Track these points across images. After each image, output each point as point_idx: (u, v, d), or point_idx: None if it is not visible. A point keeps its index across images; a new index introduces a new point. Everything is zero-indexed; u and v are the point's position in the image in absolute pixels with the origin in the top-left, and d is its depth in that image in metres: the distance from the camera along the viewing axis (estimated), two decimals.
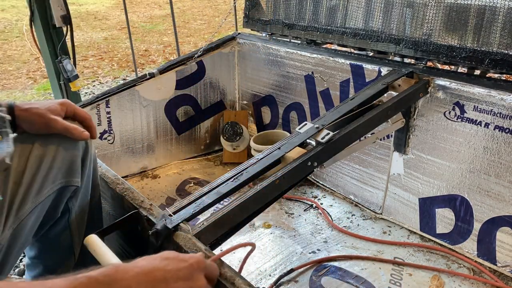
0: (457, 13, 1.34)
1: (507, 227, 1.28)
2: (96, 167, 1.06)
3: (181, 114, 2.02)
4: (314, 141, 1.13)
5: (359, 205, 1.69)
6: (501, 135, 1.23)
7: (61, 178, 0.93)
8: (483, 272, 1.33)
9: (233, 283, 0.71)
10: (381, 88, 1.33)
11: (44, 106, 0.91)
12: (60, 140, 0.93)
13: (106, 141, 1.81)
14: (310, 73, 1.73)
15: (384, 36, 1.53)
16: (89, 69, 4.53)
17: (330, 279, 1.33)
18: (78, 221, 1.02)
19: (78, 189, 0.98)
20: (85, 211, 1.04)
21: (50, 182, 0.92)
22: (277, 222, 1.62)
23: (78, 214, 1.02)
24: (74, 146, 0.95)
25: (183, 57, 1.96)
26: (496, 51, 1.26)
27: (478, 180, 1.31)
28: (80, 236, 1.04)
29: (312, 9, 1.79)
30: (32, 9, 2.15)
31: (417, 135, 1.43)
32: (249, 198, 0.94)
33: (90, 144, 1.00)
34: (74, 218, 1.01)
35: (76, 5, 8.13)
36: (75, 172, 0.95)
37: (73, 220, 1.01)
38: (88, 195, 1.03)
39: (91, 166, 1.01)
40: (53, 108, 0.91)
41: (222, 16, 7.02)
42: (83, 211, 1.03)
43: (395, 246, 1.47)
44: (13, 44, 5.60)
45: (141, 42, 5.61)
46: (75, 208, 1.00)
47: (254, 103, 2.07)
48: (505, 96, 1.20)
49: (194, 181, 1.92)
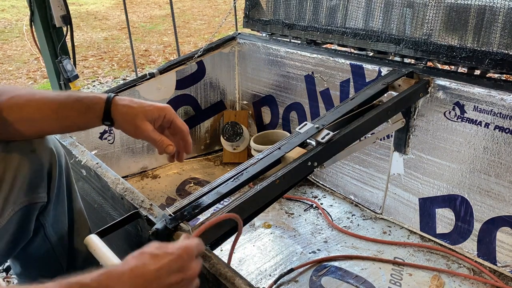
0: (457, 13, 1.34)
1: (507, 227, 1.28)
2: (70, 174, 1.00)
3: (181, 114, 2.02)
4: (314, 141, 1.13)
5: (359, 205, 1.69)
6: (501, 135, 1.23)
7: (23, 197, 0.87)
8: (483, 272, 1.33)
9: (233, 283, 0.71)
10: (381, 88, 1.33)
11: (142, 107, 0.84)
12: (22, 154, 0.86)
13: (106, 141, 1.81)
14: (310, 73, 1.73)
15: (384, 36, 1.53)
16: (89, 69, 4.53)
17: (330, 279, 1.33)
18: (58, 234, 0.98)
19: (48, 204, 0.93)
20: (64, 222, 0.99)
21: (11, 203, 0.86)
22: (277, 222, 1.62)
23: (56, 227, 0.97)
24: (38, 160, 0.88)
25: (183, 57, 1.96)
26: (496, 51, 1.26)
27: (478, 180, 1.31)
28: (64, 248, 1.00)
29: (312, 9, 1.79)
30: (32, 9, 2.15)
31: (417, 135, 1.43)
32: (249, 198, 0.94)
33: (59, 153, 0.94)
34: (52, 232, 0.97)
35: (76, 5, 8.14)
36: (39, 188, 0.90)
37: (51, 234, 0.97)
38: (64, 206, 0.98)
39: (63, 176, 0.96)
40: (149, 113, 0.84)
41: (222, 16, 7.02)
42: (61, 223, 0.99)
43: (395, 246, 1.47)
44: (13, 44, 5.60)
45: (141, 42, 5.61)
46: (49, 222, 0.96)
47: (254, 103, 2.07)
48: (505, 96, 1.20)
49: (194, 181, 1.92)
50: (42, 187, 0.90)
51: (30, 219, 0.91)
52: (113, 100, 0.84)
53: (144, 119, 0.84)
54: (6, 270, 1.63)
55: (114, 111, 0.84)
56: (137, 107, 0.84)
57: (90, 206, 1.18)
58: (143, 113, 0.83)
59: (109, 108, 0.84)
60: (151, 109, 0.85)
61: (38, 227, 0.95)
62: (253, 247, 1.49)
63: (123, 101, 0.85)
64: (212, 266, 0.75)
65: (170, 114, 0.87)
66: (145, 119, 0.84)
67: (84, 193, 1.21)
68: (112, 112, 0.84)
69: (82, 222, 1.06)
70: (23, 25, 6.08)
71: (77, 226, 1.04)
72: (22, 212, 0.88)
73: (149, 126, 0.84)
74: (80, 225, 1.05)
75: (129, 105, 0.84)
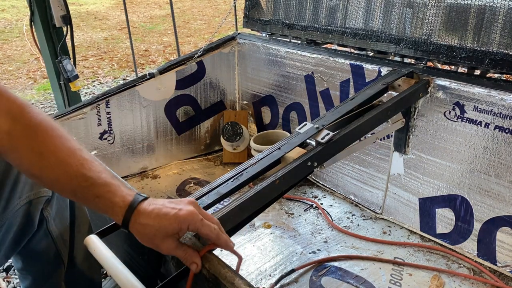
0: (457, 13, 1.34)
1: (507, 227, 1.28)
2: None
3: (181, 114, 2.02)
4: (314, 141, 1.13)
5: (359, 205, 1.69)
6: (501, 135, 1.23)
7: (28, 191, 0.88)
8: (483, 272, 1.33)
9: (233, 283, 0.71)
10: (381, 88, 1.33)
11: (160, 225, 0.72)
12: None
13: (106, 141, 1.81)
14: (310, 73, 1.73)
15: (384, 36, 1.53)
16: (89, 69, 4.53)
17: (330, 279, 1.33)
18: (60, 229, 0.99)
19: (52, 197, 0.94)
20: (66, 217, 1.00)
21: (17, 197, 0.87)
22: (277, 222, 1.62)
23: (57, 222, 0.98)
24: None
25: (183, 57, 1.96)
26: (496, 51, 1.26)
27: (478, 180, 1.31)
28: (65, 243, 1.01)
29: (312, 9, 1.78)
30: (32, 9, 2.15)
31: (417, 135, 1.43)
32: (249, 198, 0.94)
33: None
34: (54, 227, 0.97)
35: (76, 5, 8.14)
36: None
37: (54, 229, 0.97)
38: (66, 201, 0.99)
39: None
40: (170, 228, 0.72)
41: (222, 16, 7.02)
42: (63, 218, 0.99)
43: (395, 246, 1.47)
44: (13, 44, 5.60)
45: (141, 42, 5.61)
46: (52, 216, 0.96)
47: (254, 103, 2.07)
48: (505, 96, 1.20)
49: (194, 181, 1.92)
50: None
51: (35, 213, 0.92)
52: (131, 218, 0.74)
53: (164, 237, 0.73)
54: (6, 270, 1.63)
55: (131, 228, 0.75)
56: (155, 225, 0.72)
57: None
58: (163, 231, 0.73)
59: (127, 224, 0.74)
60: (172, 224, 0.73)
61: (41, 220, 0.96)
62: (253, 247, 1.49)
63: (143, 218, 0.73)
64: (212, 266, 0.75)
65: (194, 224, 0.74)
66: (166, 236, 0.73)
67: None
68: (130, 226, 0.74)
69: (83, 218, 1.06)
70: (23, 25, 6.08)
71: (78, 222, 1.05)
72: (27, 205, 0.89)
73: (170, 244, 0.74)
74: (81, 221, 1.06)
75: (148, 224, 0.73)
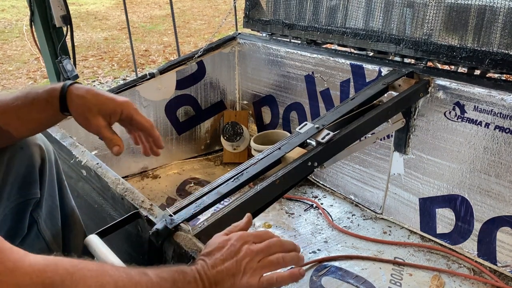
0: (457, 13, 1.34)
1: (507, 227, 1.28)
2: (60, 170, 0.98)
3: (181, 114, 2.02)
4: (314, 141, 1.13)
5: (359, 205, 1.69)
6: (502, 135, 1.23)
7: (16, 194, 0.86)
8: (484, 272, 1.33)
9: None
10: (381, 88, 1.33)
11: (97, 100, 0.76)
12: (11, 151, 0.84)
13: None
14: (311, 73, 1.73)
15: (384, 36, 1.53)
16: (89, 69, 4.53)
17: (330, 279, 1.33)
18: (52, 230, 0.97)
19: (41, 199, 0.92)
20: (57, 218, 0.99)
21: (5, 199, 0.85)
22: (277, 222, 1.62)
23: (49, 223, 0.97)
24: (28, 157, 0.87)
25: (183, 57, 1.95)
26: (496, 51, 1.26)
27: (479, 180, 1.31)
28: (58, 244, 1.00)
29: (312, 9, 1.78)
30: (32, 9, 2.15)
31: (417, 135, 1.43)
32: (249, 198, 0.94)
33: (48, 149, 0.93)
34: (45, 228, 0.96)
35: (76, 5, 8.14)
36: (32, 184, 0.88)
37: (45, 230, 0.96)
38: (56, 201, 0.97)
39: (53, 171, 0.95)
40: (104, 106, 0.76)
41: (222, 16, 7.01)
42: (55, 219, 0.98)
43: (395, 246, 1.47)
44: (13, 44, 5.61)
45: (141, 42, 5.61)
46: (42, 217, 0.95)
47: (254, 103, 2.07)
48: (505, 96, 1.20)
49: (194, 181, 1.92)
50: (34, 182, 0.89)
51: (25, 215, 0.90)
52: (68, 90, 0.77)
53: (98, 114, 0.76)
54: None
55: (69, 102, 0.77)
56: (92, 99, 0.76)
57: (90, 206, 1.18)
58: (97, 106, 0.76)
59: (65, 99, 0.77)
60: (107, 102, 0.76)
61: (32, 223, 0.94)
62: None
63: (79, 90, 0.77)
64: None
65: (128, 109, 0.78)
66: (99, 113, 0.76)
67: (84, 193, 1.21)
68: (68, 103, 0.77)
69: (75, 219, 1.05)
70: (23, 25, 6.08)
71: (70, 222, 1.03)
72: (16, 208, 0.88)
73: (101, 122, 0.77)
74: (73, 222, 1.04)
75: (84, 96, 0.76)
